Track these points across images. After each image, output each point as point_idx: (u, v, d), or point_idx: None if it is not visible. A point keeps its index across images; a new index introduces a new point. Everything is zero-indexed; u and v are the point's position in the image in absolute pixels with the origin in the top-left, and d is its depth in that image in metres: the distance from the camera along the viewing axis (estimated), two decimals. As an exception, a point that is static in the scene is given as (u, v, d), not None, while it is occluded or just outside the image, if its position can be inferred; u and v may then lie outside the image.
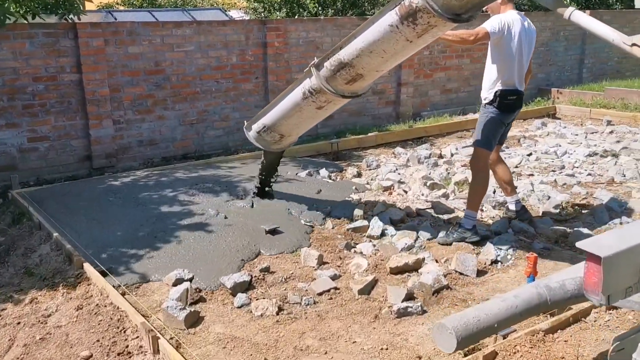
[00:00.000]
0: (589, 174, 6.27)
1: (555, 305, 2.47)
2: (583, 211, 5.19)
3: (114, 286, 3.72)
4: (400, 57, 3.92)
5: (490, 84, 4.51)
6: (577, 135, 8.11)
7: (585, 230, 4.60)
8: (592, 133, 8.24)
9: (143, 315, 3.41)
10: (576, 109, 9.77)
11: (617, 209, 5.16)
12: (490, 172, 4.73)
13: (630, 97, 9.83)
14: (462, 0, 3.29)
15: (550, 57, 11.23)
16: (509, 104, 4.48)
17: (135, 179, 5.93)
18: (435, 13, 3.30)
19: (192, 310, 3.47)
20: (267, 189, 5.37)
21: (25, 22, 6.24)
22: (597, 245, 1.91)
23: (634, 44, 2.80)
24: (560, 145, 7.47)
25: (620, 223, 4.84)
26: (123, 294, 3.66)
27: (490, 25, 4.32)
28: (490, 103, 4.51)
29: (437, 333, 2.27)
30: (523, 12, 4.57)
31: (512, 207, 4.88)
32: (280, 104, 4.69)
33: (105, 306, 3.52)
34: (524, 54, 4.45)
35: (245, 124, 5.14)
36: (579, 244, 1.93)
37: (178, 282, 3.87)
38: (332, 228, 4.86)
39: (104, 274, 3.91)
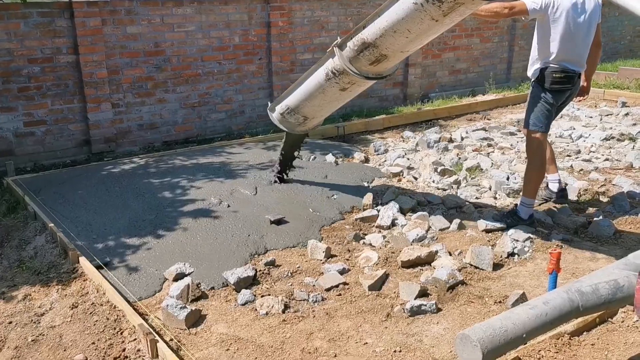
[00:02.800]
0: (606, 159, 6.03)
1: (588, 311, 2.28)
2: (602, 199, 4.96)
3: (111, 283, 3.52)
4: (426, 37, 3.68)
5: (534, 61, 4.28)
6: (591, 117, 7.84)
7: (606, 221, 4.38)
8: (607, 115, 7.97)
9: (141, 315, 3.22)
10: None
11: (638, 197, 4.94)
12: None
13: (645, 77, 9.53)
14: None
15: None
16: (555, 82, 4.19)
17: (135, 166, 5.71)
18: None
19: (194, 308, 3.27)
20: (286, 172, 5.21)
21: (19, 1, 5.98)
22: (654, 259, 1.69)
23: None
24: (574, 128, 7.21)
25: (642, 212, 4.62)
26: (119, 292, 3.46)
27: (532, 0, 4.05)
28: (537, 81, 4.27)
29: (460, 344, 2.08)
30: None
31: (553, 187, 4.65)
32: (303, 85, 4.48)
33: (102, 305, 3.33)
34: (579, 31, 4.12)
35: (269, 105, 4.95)
36: (632, 257, 1.71)
37: (179, 276, 3.68)
38: (340, 217, 4.65)
39: (100, 268, 3.71)
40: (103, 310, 3.29)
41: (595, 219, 4.46)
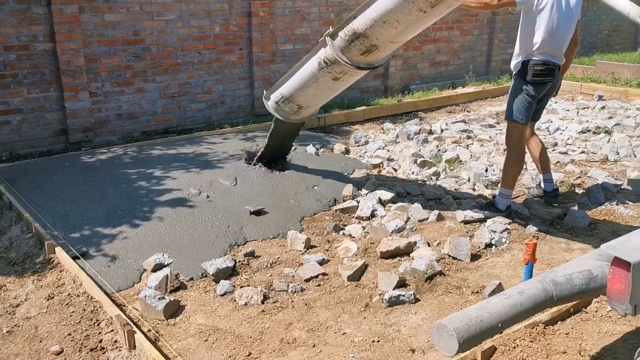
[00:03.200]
0: (582, 152, 6.12)
1: (562, 301, 2.31)
2: (578, 191, 5.04)
3: (88, 274, 3.49)
4: (416, 29, 3.72)
5: (518, 53, 4.33)
6: (568, 110, 7.94)
7: (581, 213, 4.45)
8: (584, 108, 8.08)
9: (119, 305, 3.20)
10: (566, 83, 9.53)
11: (612, 189, 5.02)
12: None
13: (621, 71, 9.66)
14: None
15: (542, 29, 10.97)
16: (537, 74, 4.24)
17: (113, 156, 5.65)
18: None
19: (172, 299, 3.26)
20: (281, 160, 5.33)
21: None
22: (626, 249, 1.71)
23: (649, 19, 2.61)
24: (551, 121, 7.30)
25: (617, 204, 4.70)
26: (97, 283, 3.43)
27: None
28: (518, 73, 4.33)
29: (436, 334, 2.10)
30: None
31: (546, 186, 4.72)
32: (297, 73, 4.52)
33: (78, 296, 3.30)
34: (561, 24, 4.17)
35: (264, 93, 4.98)
36: (604, 247, 1.74)
37: (157, 267, 3.66)
38: (320, 208, 4.66)
39: (77, 259, 3.68)
40: (80, 301, 3.26)
41: (570, 210, 4.53)
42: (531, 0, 4.11)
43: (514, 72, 4.38)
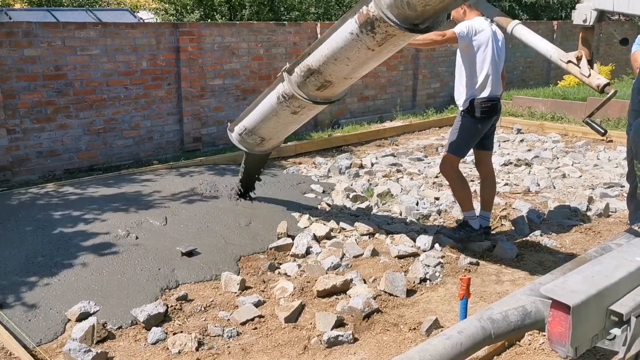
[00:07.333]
0: (506, 184, 6.36)
1: (499, 338, 2.34)
2: (504, 223, 5.22)
3: (5, 327, 3.24)
4: (367, 66, 3.82)
5: (463, 92, 4.47)
6: (491, 143, 8.26)
7: (509, 244, 4.60)
8: (505, 141, 8.45)
9: (41, 361, 2.99)
10: (488, 117, 10.00)
11: (535, 220, 5.23)
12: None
13: (536, 105, 10.21)
14: (417, 11, 3.17)
15: (462, 65, 11.48)
16: (484, 111, 4.44)
17: (33, 196, 5.36)
18: (392, 23, 3.18)
19: (99, 351, 3.07)
20: (250, 191, 5.41)
21: None
22: (564, 291, 1.76)
23: (569, 61, 2.78)
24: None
25: (541, 235, 4.90)
26: (16, 336, 3.19)
27: (459, 28, 4.30)
28: (467, 112, 4.47)
29: (380, 379, 2.06)
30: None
31: (482, 222, 4.79)
32: (258, 107, 4.56)
33: (-5, 352, 3.06)
34: (495, 59, 4.42)
35: (229, 125, 5.00)
36: (543, 291, 1.78)
37: (83, 316, 3.45)
38: (254, 246, 4.57)
39: (-6, 311, 3.42)
40: (-3, 358, 3.03)
41: (499, 242, 4.67)
42: (469, 34, 4.32)
43: (461, 109, 4.54)
